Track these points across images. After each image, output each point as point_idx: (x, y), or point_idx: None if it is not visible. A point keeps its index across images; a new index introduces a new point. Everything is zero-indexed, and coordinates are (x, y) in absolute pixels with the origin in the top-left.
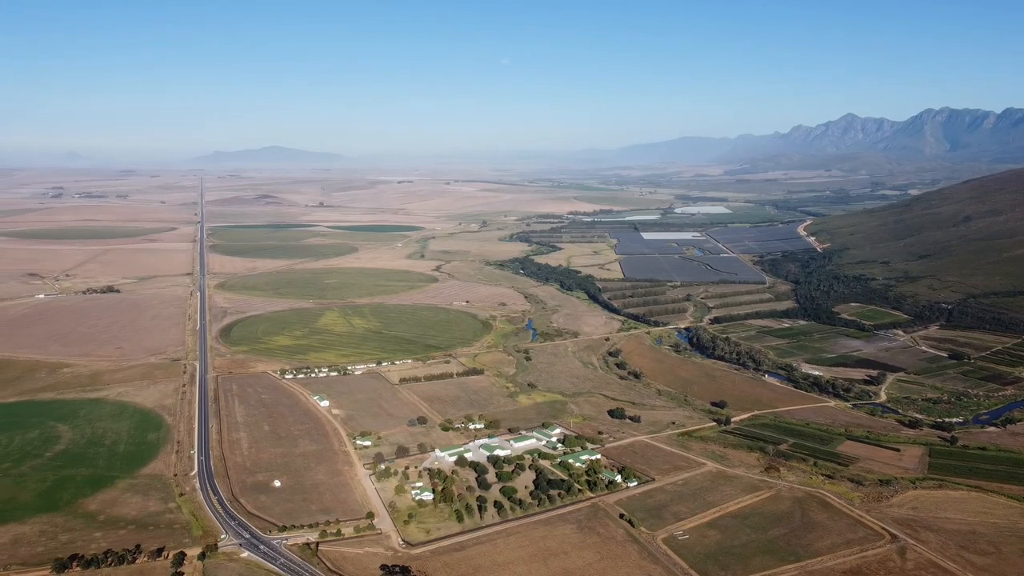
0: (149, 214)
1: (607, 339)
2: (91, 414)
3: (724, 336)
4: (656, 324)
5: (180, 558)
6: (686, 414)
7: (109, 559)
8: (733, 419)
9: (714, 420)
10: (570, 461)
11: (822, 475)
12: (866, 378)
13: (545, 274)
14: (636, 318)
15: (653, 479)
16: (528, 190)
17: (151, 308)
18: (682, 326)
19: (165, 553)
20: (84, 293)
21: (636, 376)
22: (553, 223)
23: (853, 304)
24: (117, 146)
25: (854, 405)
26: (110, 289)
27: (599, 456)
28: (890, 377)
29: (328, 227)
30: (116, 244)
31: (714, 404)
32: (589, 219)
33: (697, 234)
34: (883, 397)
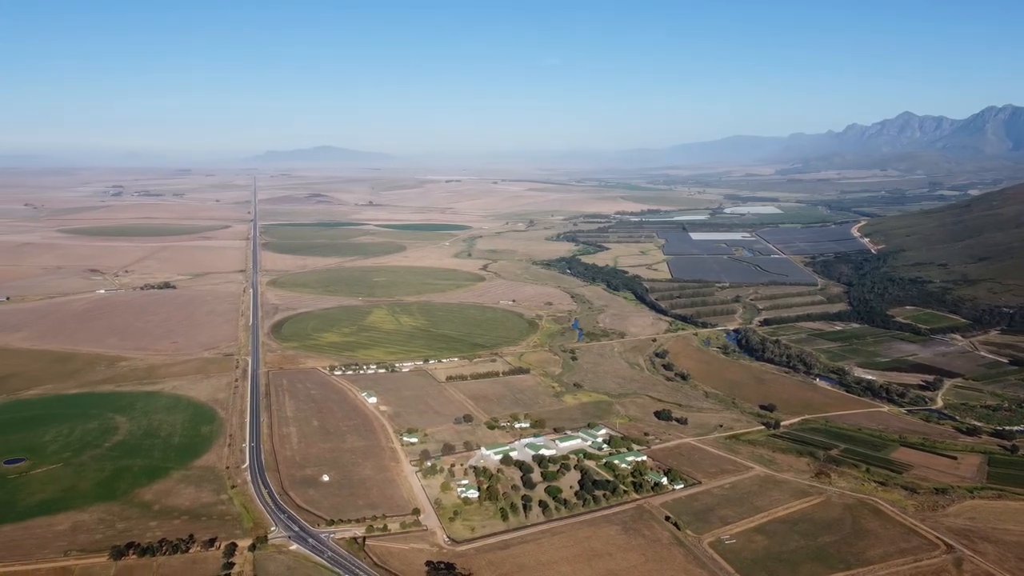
0: (204, 212)
1: (654, 340)
2: (147, 406)
3: (774, 338)
4: (704, 325)
5: (231, 549)
6: (734, 417)
7: (164, 548)
8: (782, 423)
9: (763, 424)
10: (615, 462)
11: (875, 482)
12: (921, 383)
13: (592, 274)
14: (684, 319)
15: (699, 482)
16: (575, 190)
17: (205, 304)
18: (731, 328)
19: (217, 543)
20: (142, 289)
21: (683, 378)
22: (600, 223)
23: (908, 307)
24: (175, 146)
25: (909, 411)
26: (167, 285)
27: (645, 458)
28: (947, 383)
29: (377, 226)
30: (173, 241)
31: (763, 407)
32: (636, 219)
33: (747, 235)
34: (939, 403)
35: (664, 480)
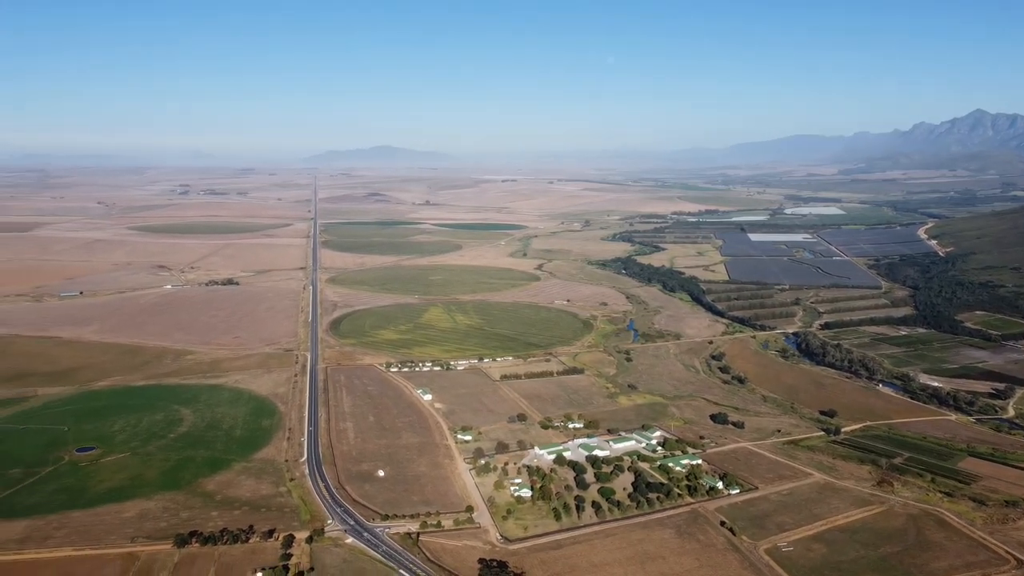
0: (267, 211)
1: (710, 342)
2: (211, 399)
3: (835, 342)
4: (762, 328)
5: (289, 540)
6: (792, 422)
7: (225, 537)
8: (843, 429)
9: (822, 429)
10: (670, 465)
11: (940, 492)
12: (992, 391)
13: (647, 275)
14: (741, 321)
15: (756, 487)
16: (631, 189)
17: (267, 300)
18: (790, 331)
19: (276, 535)
20: (206, 285)
21: (740, 381)
22: (656, 223)
23: (978, 312)
24: (239, 146)
25: (977, 420)
26: (230, 281)
27: (700, 461)
28: (1019, 391)
29: (433, 225)
30: (236, 239)
31: (823, 413)
32: (694, 219)
33: (808, 236)
34: (1011, 412)
35: (719, 484)
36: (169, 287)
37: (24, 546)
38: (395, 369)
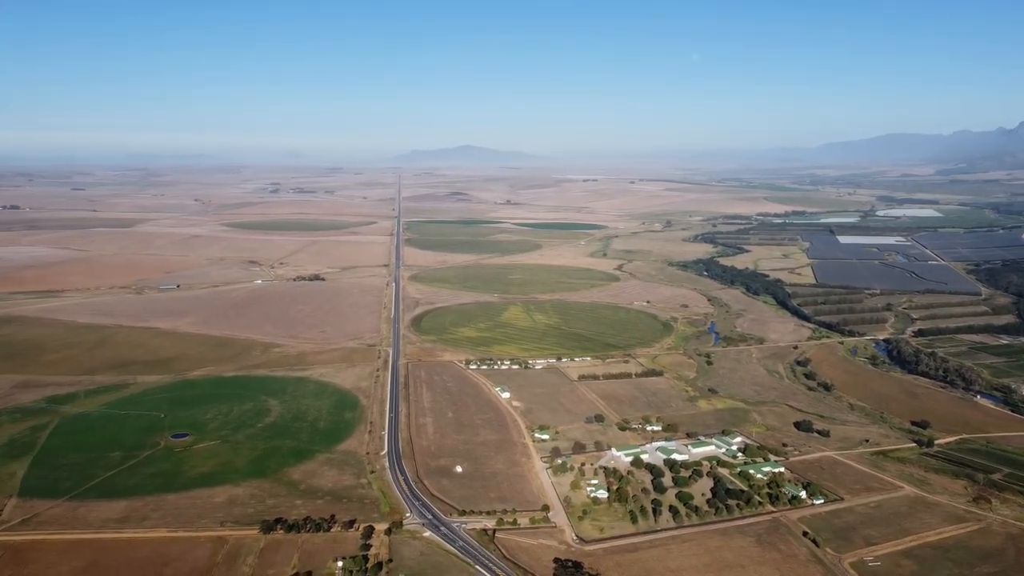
0: (352, 209)
1: (795, 347)
2: (297, 391)
3: (929, 350)
4: (851, 334)
5: (369, 531)
6: (881, 432)
7: (307, 525)
8: (936, 441)
9: (914, 441)
10: (751, 471)
11: None
12: None
13: (730, 277)
14: (828, 326)
15: (841, 498)
16: (714, 190)
17: (351, 296)
18: (880, 337)
19: (356, 525)
20: (294, 280)
21: (826, 388)
22: (740, 224)
23: None
24: (328, 145)
25: None
26: (316, 277)
27: (782, 469)
28: None
29: (514, 224)
30: (323, 236)
31: (914, 424)
32: (779, 221)
33: (901, 239)
34: None
35: (802, 494)
36: (259, 282)
37: (124, 525)
38: (474, 366)
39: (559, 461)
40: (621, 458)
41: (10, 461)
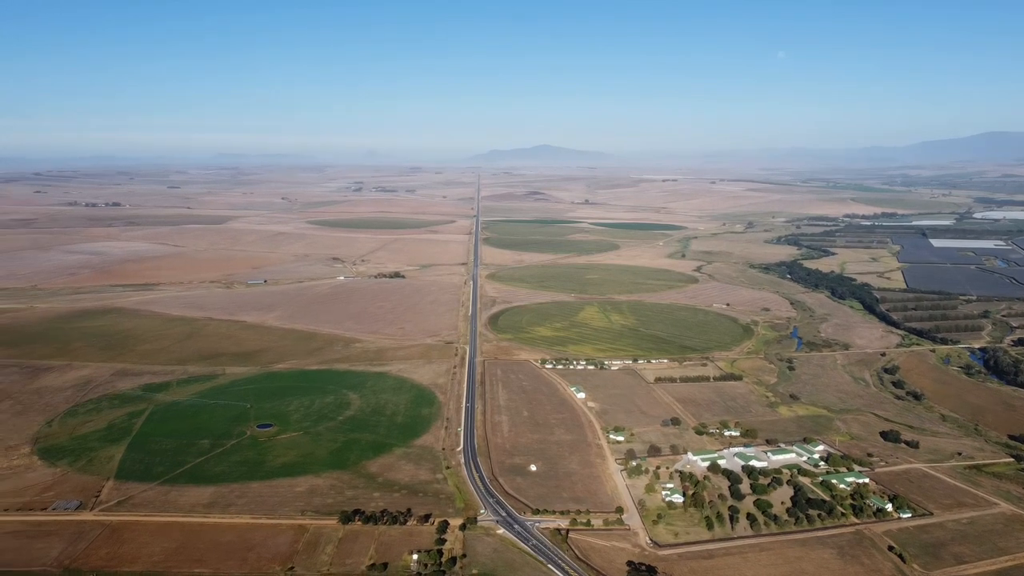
0: (432, 207)
1: (883, 354)
2: (376, 386)
3: None
4: (943, 342)
5: (444, 526)
6: (975, 445)
7: (384, 518)
8: None
9: (1012, 456)
10: (833, 481)
11: None
12: None
13: (815, 280)
14: (919, 333)
15: (930, 513)
16: (799, 190)
17: (430, 294)
18: (976, 346)
19: (432, 520)
20: (375, 277)
21: (916, 397)
22: (826, 226)
23: None
24: (408, 145)
25: None
26: (396, 275)
27: (867, 480)
28: None
29: (591, 224)
30: (403, 234)
31: (1012, 438)
32: (868, 223)
33: (1000, 243)
34: None
35: (888, 506)
36: (342, 278)
37: (211, 510)
38: (550, 366)
39: (634, 463)
40: (698, 463)
41: (109, 445)
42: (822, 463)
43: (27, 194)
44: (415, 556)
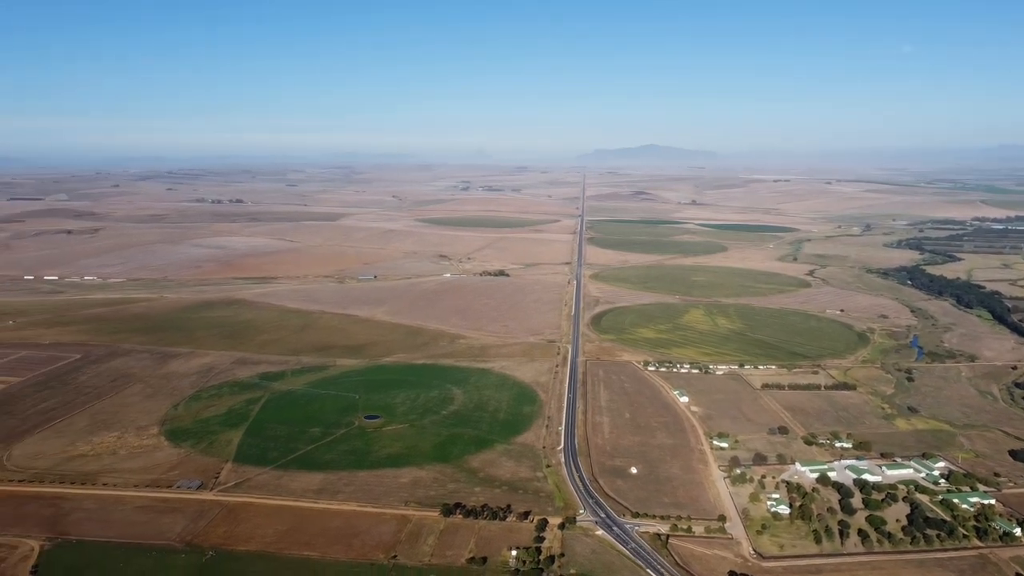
0: (537, 207)
1: (1013, 367)
2: (479, 382)
3: None
4: None
5: (543, 524)
6: None
7: (485, 513)
8: None
9: None
10: (955, 501)
11: None
12: None
13: (938, 287)
14: None
15: None
16: (922, 191)
17: (533, 292)
18: None
19: (531, 517)
20: (480, 275)
21: None
22: (952, 229)
23: None
24: (515, 145)
25: None
26: (501, 273)
27: (993, 501)
28: None
29: (698, 225)
30: (508, 233)
31: None
32: (1000, 227)
33: None
34: None
35: (1016, 530)
36: (448, 275)
37: (320, 496)
38: (652, 368)
39: (738, 471)
40: (806, 474)
41: (229, 429)
42: (942, 481)
43: (160, 191)
44: (514, 552)
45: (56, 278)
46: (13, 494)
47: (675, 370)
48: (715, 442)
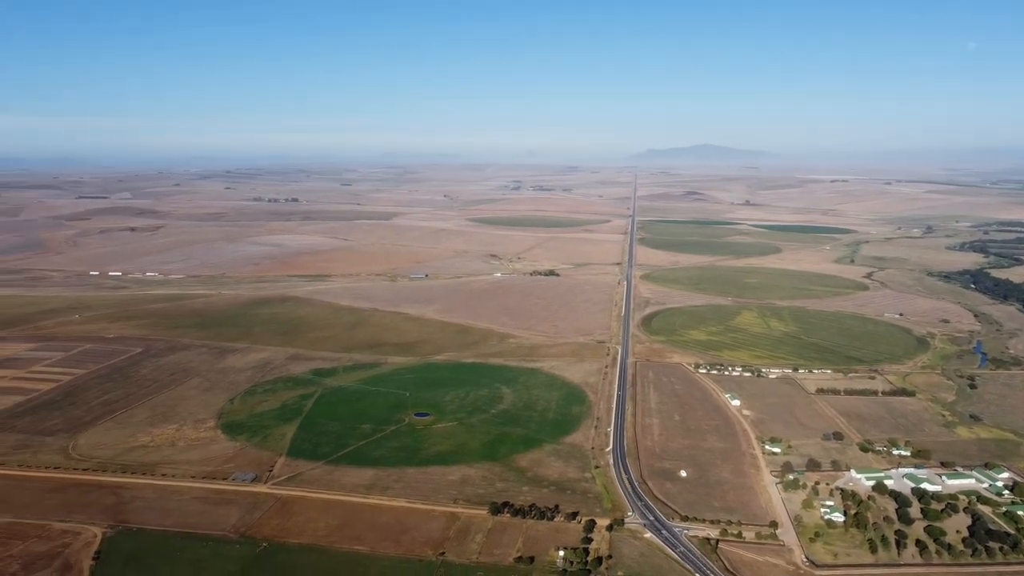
0: (587, 207)
1: None
2: (528, 381)
3: None
4: None
5: (591, 525)
6: None
7: (532, 512)
8: None
9: None
10: (1019, 513)
11: None
12: None
13: (1004, 291)
14: None
15: None
16: (987, 192)
17: (583, 292)
18: None
19: (579, 518)
20: (530, 275)
21: None
22: (1018, 232)
23: None
24: (565, 145)
25: None
26: (551, 273)
27: None
28: None
29: (751, 225)
30: (559, 233)
31: None
32: None
33: None
34: None
35: None
36: (498, 275)
37: (370, 492)
38: (703, 370)
39: (791, 477)
40: (861, 481)
41: (283, 424)
42: (1006, 492)
43: (219, 190)
44: (561, 552)
45: (120, 274)
46: (78, 482)
47: (726, 373)
48: (767, 447)
